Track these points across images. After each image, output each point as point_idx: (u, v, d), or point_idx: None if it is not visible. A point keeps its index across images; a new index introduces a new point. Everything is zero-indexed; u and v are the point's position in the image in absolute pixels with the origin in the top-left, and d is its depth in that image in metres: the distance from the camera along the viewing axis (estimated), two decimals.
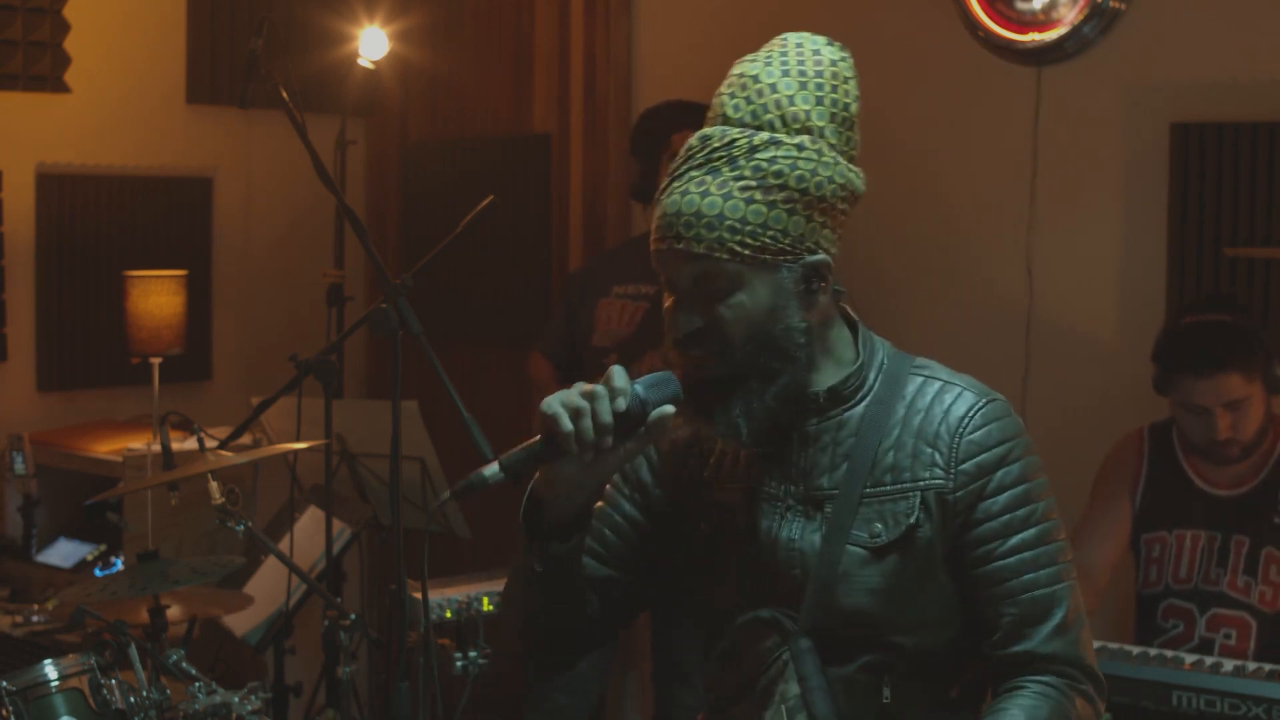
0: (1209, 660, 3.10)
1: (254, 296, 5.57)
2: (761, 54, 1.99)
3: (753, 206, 1.87)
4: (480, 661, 3.57)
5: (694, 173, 1.90)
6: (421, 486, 4.09)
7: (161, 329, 4.76)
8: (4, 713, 3.08)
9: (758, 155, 1.88)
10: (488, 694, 3.87)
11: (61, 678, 3.14)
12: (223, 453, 3.61)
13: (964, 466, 1.93)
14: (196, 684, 3.26)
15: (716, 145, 1.90)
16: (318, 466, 3.80)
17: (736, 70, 1.97)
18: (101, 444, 4.69)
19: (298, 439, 3.58)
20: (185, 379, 5.29)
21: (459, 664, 3.56)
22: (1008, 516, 1.93)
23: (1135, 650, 3.15)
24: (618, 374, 1.85)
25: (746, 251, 1.87)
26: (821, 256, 1.91)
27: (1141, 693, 3.00)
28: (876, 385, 1.98)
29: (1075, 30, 4.02)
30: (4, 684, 3.09)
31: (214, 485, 3.53)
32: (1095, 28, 4.02)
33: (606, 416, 1.83)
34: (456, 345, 5.44)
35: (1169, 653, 3.14)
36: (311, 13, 5.34)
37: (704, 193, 1.87)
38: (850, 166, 1.94)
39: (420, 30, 5.48)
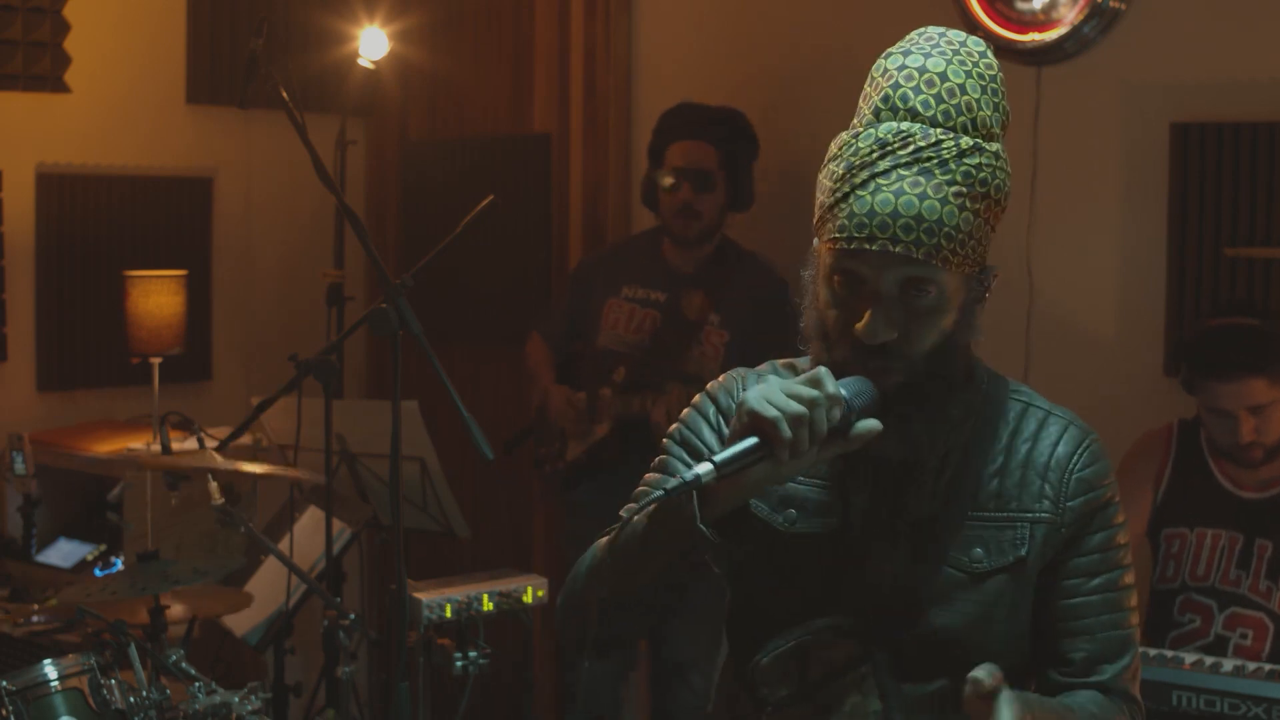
0: (1209, 660, 3.10)
1: (254, 296, 5.57)
2: (926, 45, 1.87)
3: (964, 214, 1.81)
4: (480, 661, 3.57)
5: (903, 171, 1.80)
6: (421, 486, 4.09)
7: (161, 329, 4.76)
8: (4, 713, 3.08)
9: (966, 161, 1.81)
10: (488, 694, 3.88)
11: (61, 678, 3.14)
12: (241, 466, 3.61)
13: (1073, 503, 1.93)
14: (196, 684, 3.26)
15: (923, 144, 1.81)
16: (318, 466, 3.80)
17: (911, 63, 1.85)
18: (101, 444, 4.69)
19: (297, 439, 3.58)
20: (185, 379, 5.29)
21: (459, 664, 3.56)
22: (1100, 555, 1.94)
23: None
24: (828, 378, 1.77)
25: (955, 260, 1.81)
26: (992, 268, 1.90)
27: (1141, 693, 2.99)
28: (979, 407, 1.96)
29: (1075, 30, 4.02)
30: (4, 684, 3.09)
31: (214, 485, 3.54)
32: (1095, 28, 4.02)
33: (824, 427, 1.75)
34: (456, 345, 5.44)
35: (1169, 653, 3.13)
36: (311, 13, 5.35)
37: (921, 195, 1.79)
38: None
39: (420, 30, 5.48)
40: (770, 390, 1.76)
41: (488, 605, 3.62)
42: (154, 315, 4.74)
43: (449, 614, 3.56)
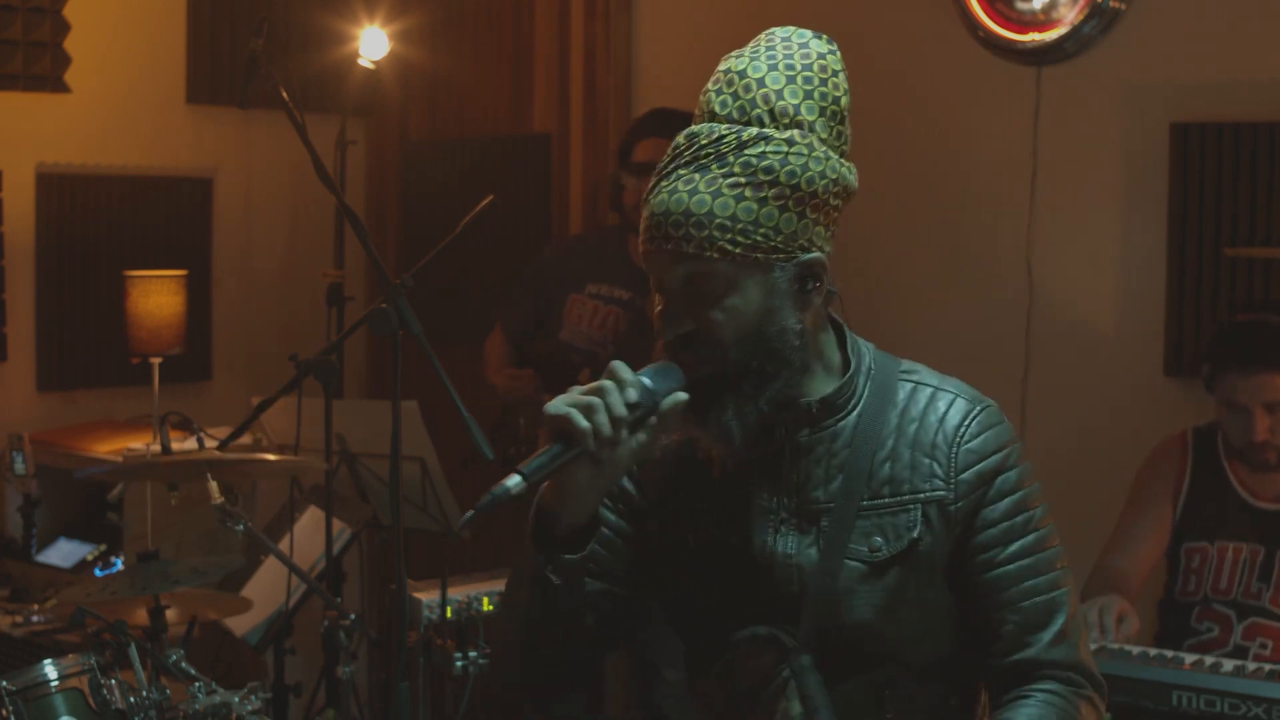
0: (1209, 660, 3.10)
1: (254, 296, 5.57)
2: (748, 49, 1.96)
3: (742, 204, 1.83)
4: (480, 661, 3.57)
5: (681, 171, 1.87)
6: (421, 486, 4.08)
7: (161, 329, 4.76)
8: (4, 713, 3.08)
9: (746, 151, 1.85)
10: (488, 694, 3.87)
11: (61, 678, 3.14)
12: (227, 455, 3.61)
13: (964, 476, 1.91)
14: (196, 684, 3.26)
15: (704, 143, 1.87)
16: (317, 467, 3.80)
17: (723, 66, 1.95)
18: (101, 444, 4.69)
19: (297, 439, 3.58)
20: (185, 379, 5.29)
21: (459, 664, 3.56)
22: (1007, 524, 1.91)
23: (1135, 650, 3.13)
24: (620, 367, 1.82)
25: (737, 250, 1.83)
26: (815, 255, 1.87)
27: (1141, 693, 2.99)
28: (866, 393, 1.95)
29: (1075, 30, 4.02)
30: (4, 684, 3.09)
31: (214, 485, 3.53)
32: (1095, 28, 4.02)
33: (620, 409, 1.79)
34: (456, 345, 5.44)
35: (1169, 653, 3.12)
36: (311, 13, 5.35)
37: (692, 191, 1.84)
38: (842, 161, 1.90)
39: (420, 30, 5.48)
40: (566, 395, 1.82)
41: (488, 605, 3.62)
42: (154, 315, 4.74)
43: (449, 614, 3.56)
